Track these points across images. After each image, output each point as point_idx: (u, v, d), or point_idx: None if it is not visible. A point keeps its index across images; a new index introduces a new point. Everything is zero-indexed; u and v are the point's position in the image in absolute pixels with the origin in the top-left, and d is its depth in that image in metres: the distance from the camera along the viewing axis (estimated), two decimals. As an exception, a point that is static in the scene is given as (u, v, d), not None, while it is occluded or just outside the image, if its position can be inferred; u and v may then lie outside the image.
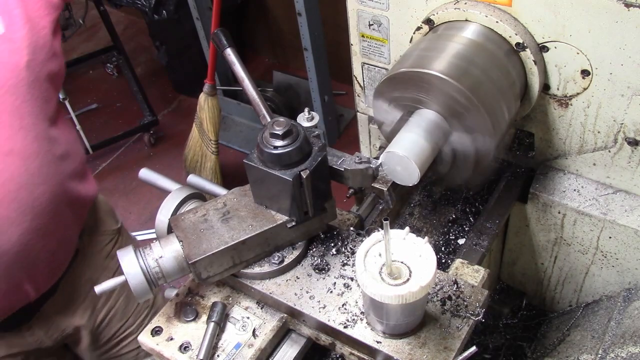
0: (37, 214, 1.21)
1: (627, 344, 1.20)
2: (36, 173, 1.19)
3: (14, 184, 1.15)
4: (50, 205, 1.25)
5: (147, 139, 3.82)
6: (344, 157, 1.07)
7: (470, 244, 1.33)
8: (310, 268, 1.10)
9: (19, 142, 1.15)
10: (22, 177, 1.17)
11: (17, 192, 1.16)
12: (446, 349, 0.95)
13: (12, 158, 1.14)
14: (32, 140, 1.19)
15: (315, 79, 3.16)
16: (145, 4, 3.56)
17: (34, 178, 1.19)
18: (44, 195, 1.22)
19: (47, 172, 1.23)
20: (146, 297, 1.02)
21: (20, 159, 1.16)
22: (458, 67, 1.12)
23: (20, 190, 1.16)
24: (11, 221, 1.16)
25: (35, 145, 1.19)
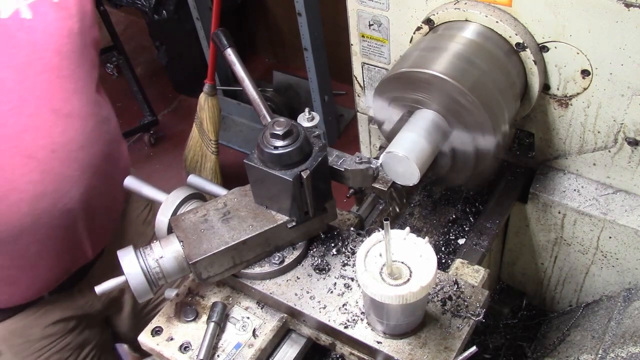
0: (94, 173, 1.28)
1: (627, 344, 1.20)
2: (91, 134, 1.26)
3: (75, 145, 1.21)
4: (103, 164, 1.31)
5: (147, 139, 3.82)
6: (344, 157, 1.07)
7: (470, 244, 1.33)
8: (311, 268, 1.10)
9: (76, 105, 1.21)
10: (81, 137, 1.23)
11: (77, 152, 1.22)
12: (447, 349, 0.95)
13: (72, 120, 1.20)
14: (86, 102, 1.25)
15: (315, 79, 3.16)
16: (145, 4, 3.56)
17: (90, 139, 1.25)
18: (98, 155, 1.29)
19: (99, 134, 1.29)
20: (147, 297, 1.02)
21: (78, 120, 1.22)
22: (458, 67, 1.12)
23: (80, 150, 1.22)
24: (74, 180, 1.22)
25: (89, 107, 1.26)
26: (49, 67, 1.16)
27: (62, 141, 1.18)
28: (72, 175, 1.21)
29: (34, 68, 1.13)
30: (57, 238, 1.27)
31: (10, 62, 1.10)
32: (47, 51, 1.15)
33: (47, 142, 1.15)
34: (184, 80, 4.03)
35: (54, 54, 1.17)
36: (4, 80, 1.09)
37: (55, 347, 1.47)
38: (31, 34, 1.12)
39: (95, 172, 1.28)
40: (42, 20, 1.14)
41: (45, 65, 1.15)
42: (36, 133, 1.13)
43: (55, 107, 1.17)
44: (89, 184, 1.27)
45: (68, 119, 1.19)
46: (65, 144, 1.18)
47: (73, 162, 1.21)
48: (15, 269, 1.25)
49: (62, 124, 1.18)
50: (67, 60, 1.19)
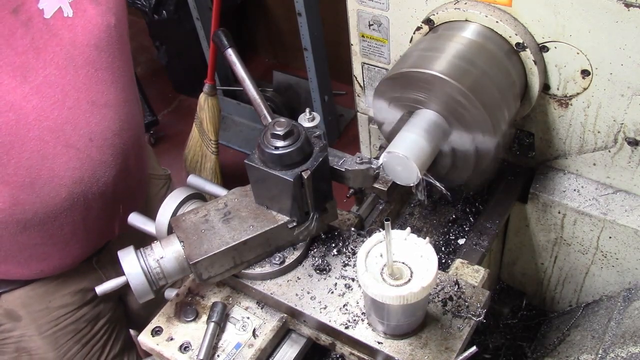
0: (126, 156, 1.36)
1: (627, 344, 1.20)
2: (125, 120, 1.33)
3: (110, 132, 1.28)
4: (134, 147, 1.39)
5: (147, 139, 3.82)
6: (345, 158, 1.07)
7: (470, 244, 1.33)
8: (311, 268, 1.10)
9: (112, 95, 1.28)
10: (116, 124, 1.30)
11: (112, 139, 1.29)
12: (447, 350, 0.96)
13: (108, 109, 1.27)
14: (121, 91, 1.32)
15: (315, 79, 3.16)
16: (145, 4, 3.56)
17: (123, 125, 1.32)
18: (130, 139, 1.36)
19: (132, 118, 1.36)
20: (147, 298, 1.02)
21: (114, 110, 1.29)
22: (458, 67, 1.12)
23: (114, 136, 1.30)
24: (108, 164, 1.30)
25: (123, 96, 1.32)
26: (89, 61, 1.22)
27: (98, 130, 1.25)
28: (106, 160, 1.29)
29: (75, 63, 1.19)
30: (90, 218, 1.34)
31: (54, 59, 1.16)
32: (87, 46, 1.21)
33: (85, 131, 1.22)
34: (184, 80, 4.03)
35: (94, 49, 1.22)
36: (48, 77, 1.15)
37: (71, 317, 1.52)
38: (73, 31, 1.18)
39: (127, 156, 1.36)
40: (82, 16, 1.19)
41: (86, 60, 1.21)
42: (76, 124, 1.20)
43: (93, 98, 1.23)
44: (121, 168, 1.35)
45: (104, 109, 1.26)
46: (101, 132, 1.26)
47: (108, 148, 1.28)
48: (49, 246, 1.32)
49: (98, 114, 1.25)
50: (105, 54, 1.25)
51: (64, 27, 1.18)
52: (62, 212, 1.25)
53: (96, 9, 1.22)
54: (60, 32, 1.17)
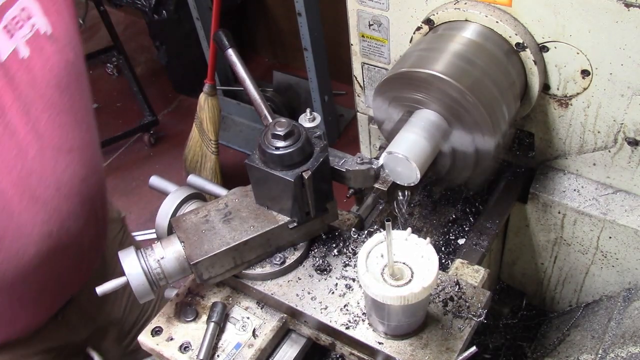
0: (93, 202, 1.28)
1: (627, 344, 1.20)
2: (90, 164, 1.25)
3: (77, 179, 1.20)
4: (100, 192, 1.32)
5: (147, 139, 3.82)
6: (345, 158, 1.07)
7: (470, 244, 1.33)
8: (312, 269, 1.10)
9: (77, 139, 1.20)
10: (82, 170, 1.22)
11: (79, 186, 1.21)
12: (448, 350, 0.96)
13: (73, 155, 1.19)
14: (85, 133, 1.23)
15: (315, 79, 3.16)
16: (145, 4, 3.56)
17: (89, 170, 1.24)
18: (96, 184, 1.29)
19: (96, 162, 1.29)
20: (148, 298, 1.02)
21: (79, 154, 1.20)
22: (458, 67, 1.12)
23: (81, 183, 1.21)
24: (76, 214, 1.21)
25: (88, 137, 1.24)
26: (50, 103, 1.12)
27: (65, 178, 1.16)
28: (75, 210, 1.20)
29: (36, 107, 1.10)
30: (60, 273, 1.26)
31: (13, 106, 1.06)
32: (47, 88, 1.12)
33: (51, 181, 1.13)
34: (184, 80, 4.03)
35: (54, 90, 1.13)
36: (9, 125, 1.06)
37: None
38: (31, 73, 1.09)
39: (94, 202, 1.28)
40: (39, 56, 1.10)
41: (47, 103, 1.12)
42: (41, 174, 1.11)
43: (57, 144, 1.14)
44: (89, 216, 1.26)
45: (69, 155, 1.17)
46: (68, 180, 1.17)
47: (76, 196, 1.20)
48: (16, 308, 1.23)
49: (64, 160, 1.16)
50: (66, 94, 1.16)
51: (21, 69, 1.07)
52: (31, 270, 1.15)
53: (54, 46, 1.12)
54: (17, 75, 1.06)
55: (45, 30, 1.10)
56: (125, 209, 3.47)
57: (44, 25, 1.10)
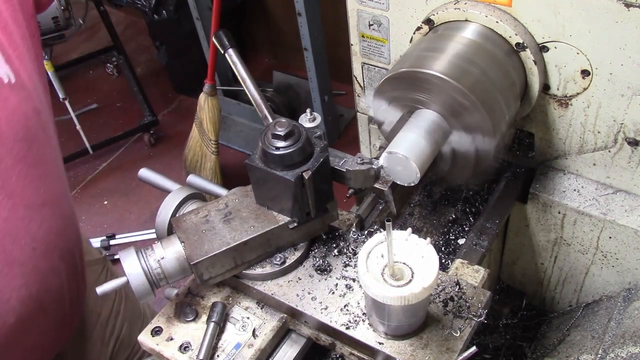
0: (71, 256, 1.21)
1: (627, 344, 1.20)
2: (65, 215, 1.18)
3: (53, 234, 1.13)
4: (77, 242, 1.25)
5: (147, 139, 3.82)
6: (345, 158, 1.07)
7: (470, 244, 1.33)
8: (312, 269, 1.10)
9: (49, 192, 1.12)
10: (57, 224, 1.15)
11: (56, 241, 1.14)
12: (448, 350, 0.95)
13: (46, 209, 1.11)
14: (57, 184, 1.16)
15: (315, 79, 3.16)
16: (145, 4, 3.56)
17: (65, 221, 1.18)
18: (73, 234, 1.23)
19: (70, 212, 1.22)
20: (148, 299, 1.02)
21: (52, 208, 1.13)
22: (458, 67, 1.12)
23: (58, 238, 1.15)
24: (56, 270, 1.15)
25: (59, 188, 1.17)
26: (19, 158, 1.03)
27: (40, 235, 1.09)
28: (55, 266, 1.14)
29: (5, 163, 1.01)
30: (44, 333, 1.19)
31: None
32: (15, 142, 1.02)
33: (26, 241, 1.05)
34: (184, 80, 4.03)
35: (22, 143, 1.03)
36: None
37: None
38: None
39: (72, 254, 1.22)
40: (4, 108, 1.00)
41: (15, 157, 1.03)
42: (15, 235, 1.03)
43: (29, 201, 1.06)
44: (70, 269, 1.20)
45: (43, 210, 1.10)
46: (44, 237, 1.10)
47: (54, 252, 1.13)
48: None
49: (37, 217, 1.08)
50: (34, 145, 1.06)
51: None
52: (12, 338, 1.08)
53: (19, 96, 1.03)
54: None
55: (9, 79, 1.01)
56: (126, 209, 3.47)
57: (5, 74, 1.01)
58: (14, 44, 1.04)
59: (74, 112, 3.37)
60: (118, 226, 3.35)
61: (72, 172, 3.69)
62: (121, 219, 3.41)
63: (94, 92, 4.25)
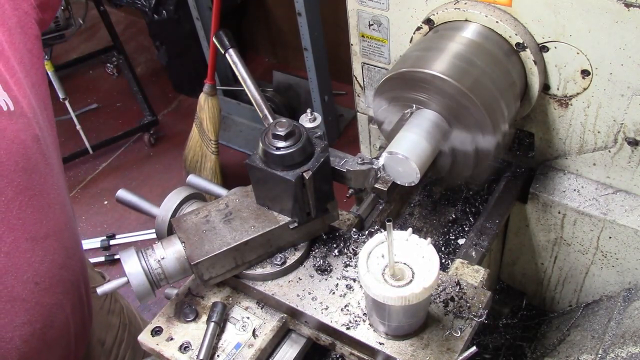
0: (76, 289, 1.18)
1: (627, 344, 1.20)
2: (69, 246, 1.15)
3: (56, 267, 1.09)
4: (82, 272, 1.22)
5: (147, 139, 3.82)
6: (346, 158, 1.07)
7: (470, 244, 1.33)
8: (313, 269, 1.10)
9: (52, 222, 1.08)
10: (61, 256, 1.11)
11: (59, 274, 1.10)
12: (449, 350, 0.95)
13: (49, 241, 1.08)
14: (60, 214, 1.12)
15: (315, 79, 3.16)
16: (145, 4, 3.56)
17: (68, 252, 1.14)
18: (78, 264, 1.19)
19: (75, 243, 1.18)
20: (148, 299, 1.02)
21: (56, 239, 1.09)
22: (458, 67, 1.12)
23: (61, 270, 1.11)
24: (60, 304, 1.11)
25: (63, 218, 1.13)
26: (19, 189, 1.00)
27: (43, 269, 1.05)
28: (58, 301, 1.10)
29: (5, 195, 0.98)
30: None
31: None
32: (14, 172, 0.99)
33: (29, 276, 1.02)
34: (184, 80, 4.03)
35: (22, 173, 1.00)
36: None
37: None
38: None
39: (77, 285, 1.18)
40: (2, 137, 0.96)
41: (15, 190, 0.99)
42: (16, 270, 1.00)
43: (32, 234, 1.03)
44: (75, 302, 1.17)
45: (45, 242, 1.06)
46: (47, 271, 1.06)
47: (57, 286, 1.10)
48: None
49: (40, 250, 1.05)
50: (35, 175, 1.03)
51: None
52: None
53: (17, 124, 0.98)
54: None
55: (7, 106, 0.97)
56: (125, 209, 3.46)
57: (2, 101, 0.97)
58: (12, 70, 1.00)
59: (74, 112, 3.38)
60: (118, 226, 3.35)
61: (72, 172, 3.69)
62: (121, 219, 3.41)
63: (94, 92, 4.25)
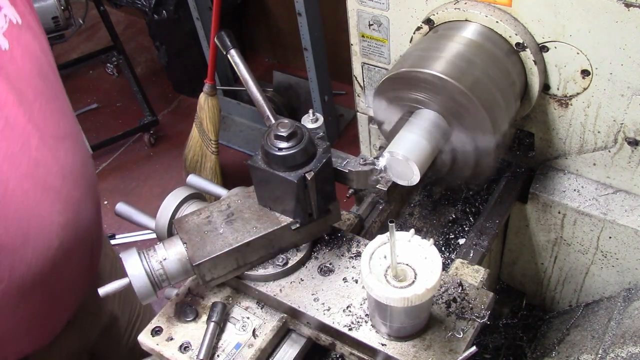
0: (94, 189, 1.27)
1: (627, 344, 1.20)
2: (84, 148, 1.25)
3: (78, 164, 1.19)
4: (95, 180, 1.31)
5: (147, 139, 3.82)
6: (348, 159, 1.07)
7: (470, 244, 1.33)
8: (315, 270, 1.10)
9: (67, 125, 1.19)
10: (80, 155, 1.21)
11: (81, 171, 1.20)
12: (451, 352, 0.95)
13: (68, 141, 1.17)
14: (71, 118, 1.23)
15: (315, 79, 3.16)
16: (145, 4, 3.56)
17: (84, 154, 1.24)
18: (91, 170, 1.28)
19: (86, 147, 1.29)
20: (150, 300, 1.02)
21: (73, 140, 1.20)
22: (458, 67, 1.12)
23: (83, 168, 1.21)
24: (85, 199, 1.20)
25: (74, 122, 1.25)
26: (38, 92, 1.10)
27: (67, 165, 1.15)
28: (83, 196, 1.19)
29: (27, 97, 1.08)
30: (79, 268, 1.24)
31: (9, 97, 1.03)
32: (32, 77, 1.10)
33: (57, 169, 1.12)
34: (184, 80, 4.03)
35: (39, 79, 1.11)
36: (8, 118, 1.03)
37: None
38: (16, 64, 1.06)
39: (95, 187, 1.27)
40: (19, 45, 1.07)
41: (35, 92, 1.10)
42: (46, 163, 1.09)
43: (53, 132, 1.13)
44: (94, 202, 1.26)
45: (66, 142, 1.16)
46: (71, 166, 1.16)
47: (81, 181, 1.19)
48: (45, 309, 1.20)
49: (62, 147, 1.15)
50: (48, 81, 1.14)
51: (6, 61, 1.05)
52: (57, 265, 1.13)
53: (29, 34, 1.10)
54: (4, 67, 1.04)
55: (17, 20, 1.07)
56: (125, 209, 3.46)
57: (13, 15, 1.07)
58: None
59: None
60: (118, 226, 3.35)
61: (72, 172, 3.69)
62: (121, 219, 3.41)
63: (94, 92, 4.25)
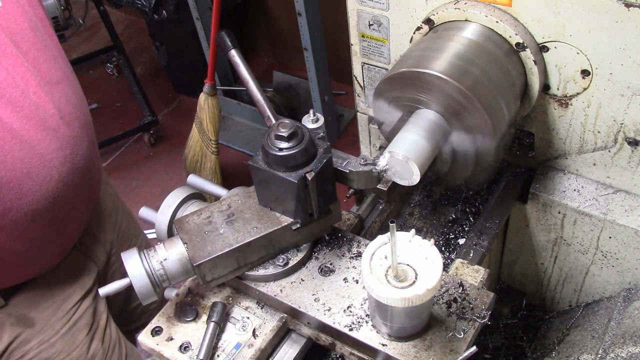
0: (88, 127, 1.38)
1: (627, 344, 1.20)
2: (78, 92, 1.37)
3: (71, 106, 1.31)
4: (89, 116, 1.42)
5: (147, 139, 3.82)
6: (348, 159, 1.07)
7: (470, 244, 1.34)
8: (315, 270, 1.10)
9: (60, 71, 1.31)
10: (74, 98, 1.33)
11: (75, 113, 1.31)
12: (452, 352, 0.95)
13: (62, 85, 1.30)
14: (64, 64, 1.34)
15: (315, 79, 3.16)
16: (145, 4, 3.56)
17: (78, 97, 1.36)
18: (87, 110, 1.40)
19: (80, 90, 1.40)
20: (150, 300, 1.02)
21: (67, 84, 1.32)
22: (458, 67, 1.12)
23: (76, 110, 1.32)
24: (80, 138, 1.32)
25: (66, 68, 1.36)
26: (30, 43, 1.24)
27: (62, 106, 1.28)
28: (78, 134, 1.31)
29: (21, 49, 1.21)
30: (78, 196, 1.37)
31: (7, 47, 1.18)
32: (26, 31, 1.23)
33: (54, 111, 1.24)
34: (184, 80, 4.03)
35: (31, 32, 1.24)
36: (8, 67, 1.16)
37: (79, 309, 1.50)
38: (9, 19, 1.20)
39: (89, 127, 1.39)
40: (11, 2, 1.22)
41: (28, 43, 1.23)
42: (44, 106, 1.23)
43: (47, 78, 1.26)
44: (90, 141, 1.38)
45: (59, 86, 1.29)
46: (65, 107, 1.28)
47: (75, 121, 1.31)
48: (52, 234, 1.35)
49: (57, 91, 1.27)
50: (40, 32, 1.27)
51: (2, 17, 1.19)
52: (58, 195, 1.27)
53: None
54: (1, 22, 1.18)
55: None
56: (125, 209, 3.46)
57: None
58: None
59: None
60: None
61: (72, 172, 3.69)
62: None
63: (94, 92, 4.25)
